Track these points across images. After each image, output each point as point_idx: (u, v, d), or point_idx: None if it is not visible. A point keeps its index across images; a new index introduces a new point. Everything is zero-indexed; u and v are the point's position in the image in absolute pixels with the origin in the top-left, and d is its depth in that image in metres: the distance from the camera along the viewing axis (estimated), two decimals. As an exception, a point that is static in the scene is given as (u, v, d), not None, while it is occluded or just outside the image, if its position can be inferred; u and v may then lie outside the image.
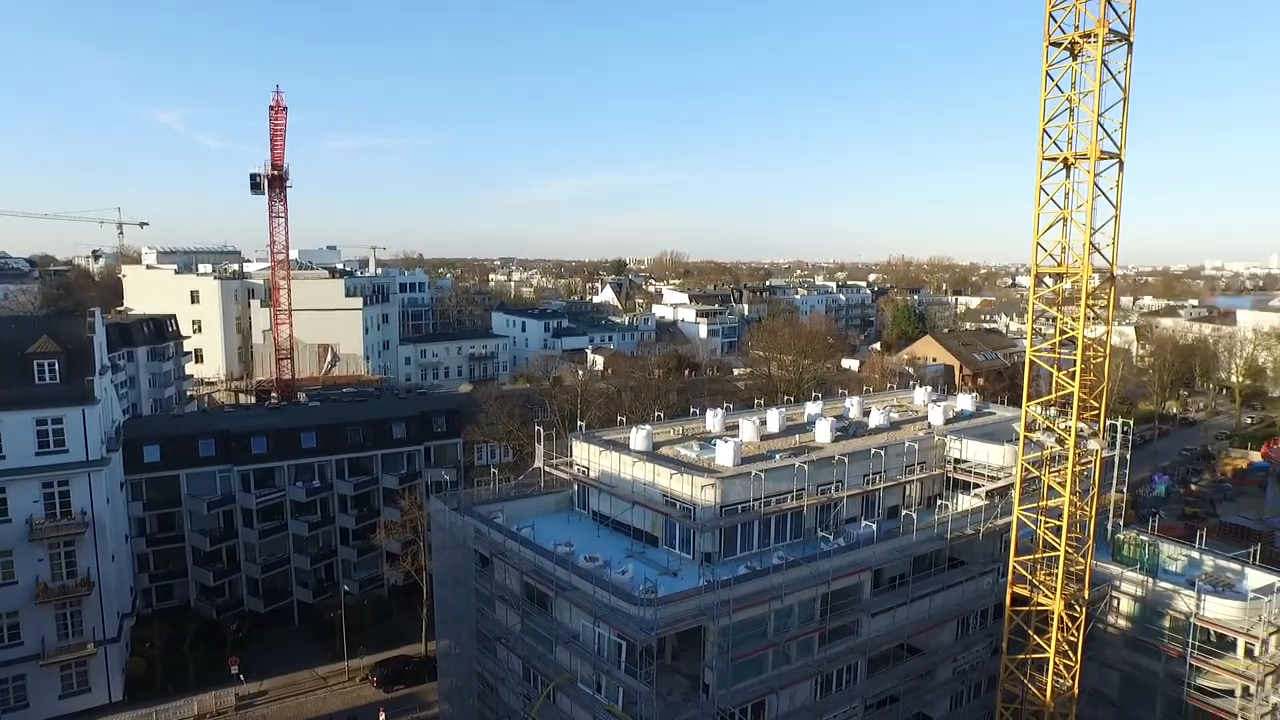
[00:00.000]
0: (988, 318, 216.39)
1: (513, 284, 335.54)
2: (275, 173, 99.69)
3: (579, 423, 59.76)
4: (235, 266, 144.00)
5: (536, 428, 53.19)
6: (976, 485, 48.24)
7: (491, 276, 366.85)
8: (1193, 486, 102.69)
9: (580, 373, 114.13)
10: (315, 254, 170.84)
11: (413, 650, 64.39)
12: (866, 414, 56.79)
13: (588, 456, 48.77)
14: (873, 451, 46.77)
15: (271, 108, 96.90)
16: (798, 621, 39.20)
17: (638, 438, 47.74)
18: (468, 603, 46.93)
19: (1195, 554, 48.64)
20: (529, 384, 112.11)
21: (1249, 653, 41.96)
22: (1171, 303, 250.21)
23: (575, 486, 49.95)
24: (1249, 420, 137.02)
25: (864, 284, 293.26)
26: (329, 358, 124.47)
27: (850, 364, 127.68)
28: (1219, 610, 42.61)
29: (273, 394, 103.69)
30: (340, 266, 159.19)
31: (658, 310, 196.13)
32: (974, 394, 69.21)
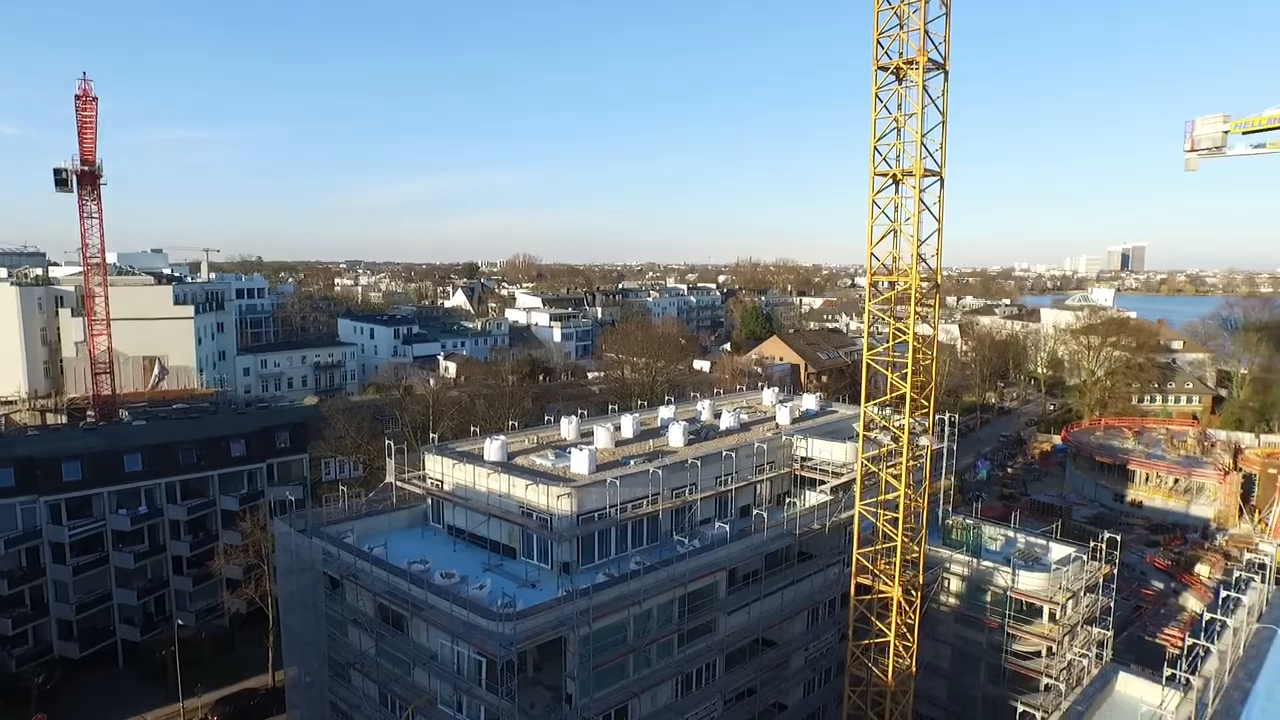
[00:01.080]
0: (830, 317, 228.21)
1: (360, 289, 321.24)
2: (86, 168, 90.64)
3: (432, 434, 58.24)
4: (38, 271, 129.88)
5: (387, 441, 51.39)
6: (822, 482, 50.84)
7: (337, 281, 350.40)
8: (1009, 470, 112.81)
9: (432, 381, 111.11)
10: (137, 258, 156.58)
11: (259, 683, 60.37)
12: (718, 416, 58.60)
13: (441, 469, 47.60)
14: (724, 453, 48.32)
15: (78, 97, 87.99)
16: (657, 625, 39.93)
17: (492, 448, 47.17)
18: (318, 628, 44.66)
19: (1011, 533, 53.69)
20: (379, 394, 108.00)
21: (1052, 617, 46.84)
22: (989, 301, 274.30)
23: (429, 500, 48.64)
24: (1052, 407, 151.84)
25: (714, 286, 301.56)
26: (156, 371, 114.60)
27: (702, 365, 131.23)
28: (1029, 582, 47.25)
29: (89, 413, 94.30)
30: (168, 271, 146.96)
31: (511, 315, 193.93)
32: (818, 393, 73.09)
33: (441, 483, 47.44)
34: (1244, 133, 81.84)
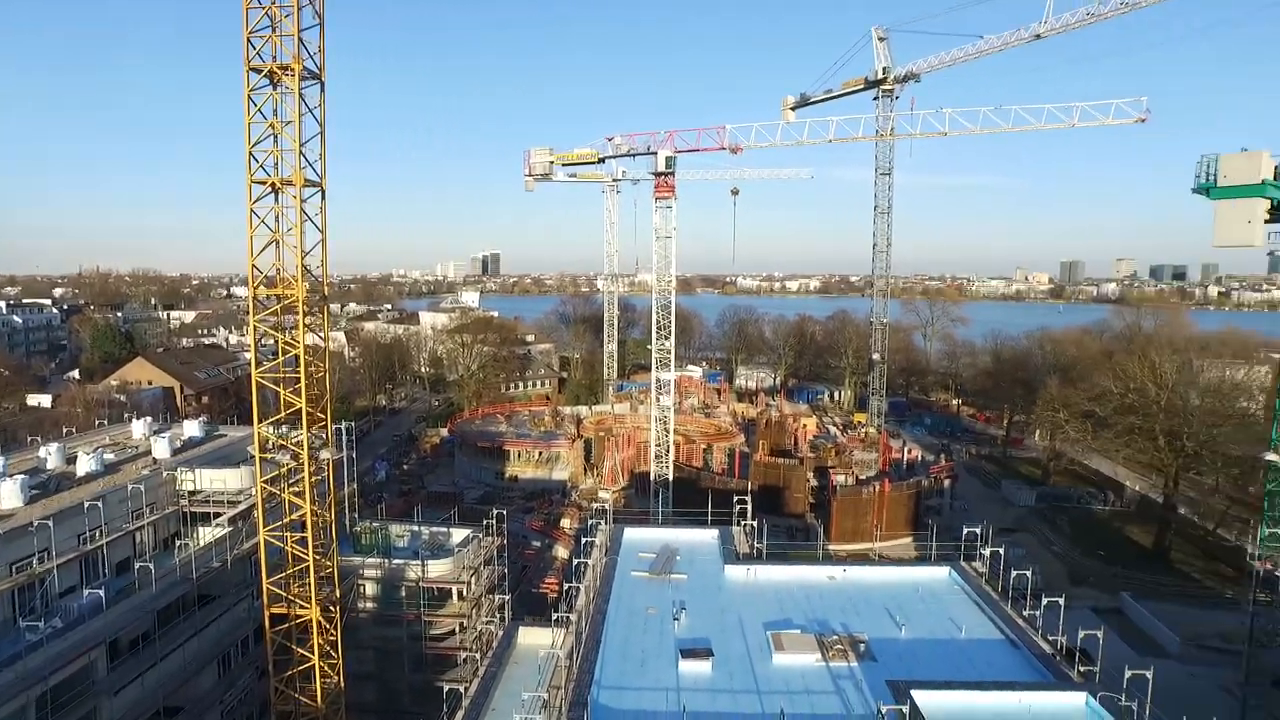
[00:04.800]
0: (206, 331, 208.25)
1: None
2: None
3: None
4: None
5: None
6: (218, 514, 46.60)
7: None
8: (405, 466, 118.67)
9: None
10: None
11: None
12: (72, 461, 49.01)
13: None
14: (87, 505, 40.66)
15: None
16: (8, 742, 31.59)
17: None
18: None
19: (416, 527, 56.90)
20: None
21: (460, 595, 51.41)
22: (372, 307, 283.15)
23: None
24: (437, 403, 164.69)
25: (49, 301, 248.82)
26: None
27: (41, 400, 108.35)
28: (437, 570, 50.93)
29: None
30: None
31: None
32: (202, 416, 66.50)
33: None
34: (564, 164, 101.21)
